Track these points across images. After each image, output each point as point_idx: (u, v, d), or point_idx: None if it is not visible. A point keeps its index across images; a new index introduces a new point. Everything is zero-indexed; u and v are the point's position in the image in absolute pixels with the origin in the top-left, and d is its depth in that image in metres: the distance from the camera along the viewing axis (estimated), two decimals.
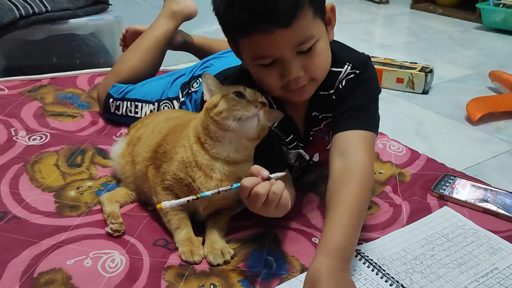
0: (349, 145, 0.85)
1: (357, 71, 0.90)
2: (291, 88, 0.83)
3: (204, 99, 0.86)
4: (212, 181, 0.83)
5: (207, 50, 1.49)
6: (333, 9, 0.87)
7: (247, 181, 0.73)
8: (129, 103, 1.28)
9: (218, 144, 0.83)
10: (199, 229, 0.89)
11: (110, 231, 0.88)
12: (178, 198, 0.81)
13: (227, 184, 0.82)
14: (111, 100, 1.29)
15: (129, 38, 1.45)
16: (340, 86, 0.91)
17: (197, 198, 0.76)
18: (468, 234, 0.90)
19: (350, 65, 0.90)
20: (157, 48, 1.37)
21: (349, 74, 0.90)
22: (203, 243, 0.86)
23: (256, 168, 0.75)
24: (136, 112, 1.28)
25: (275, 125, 0.92)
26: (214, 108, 0.82)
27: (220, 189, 0.77)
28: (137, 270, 0.81)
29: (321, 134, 0.98)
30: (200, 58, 1.48)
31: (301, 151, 0.99)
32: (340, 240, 0.74)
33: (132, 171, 0.97)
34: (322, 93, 0.91)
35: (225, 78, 1.10)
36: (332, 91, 0.91)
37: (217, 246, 0.84)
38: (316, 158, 1.03)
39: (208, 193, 0.77)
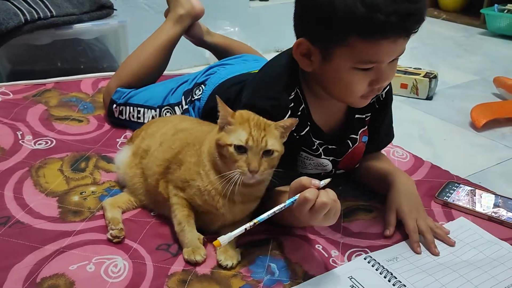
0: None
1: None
2: (370, 94, 0.87)
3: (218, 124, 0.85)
4: (236, 206, 0.85)
5: (227, 50, 1.49)
6: None
7: (310, 194, 0.72)
8: (131, 108, 1.29)
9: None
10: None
11: (110, 237, 0.88)
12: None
13: (249, 206, 0.86)
14: (114, 105, 1.30)
15: None
16: (382, 97, 0.99)
17: (254, 224, 0.76)
18: (486, 246, 0.89)
19: None
20: (162, 53, 1.37)
21: None
22: (205, 244, 0.86)
23: (307, 179, 0.75)
24: (138, 118, 1.28)
25: (304, 133, 0.92)
26: (223, 148, 0.81)
27: (275, 209, 0.76)
28: (140, 275, 0.81)
29: (364, 139, 1.02)
30: (219, 58, 1.49)
31: (324, 160, 0.98)
32: None
33: (142, 184, 0.97)
34: None
35: (232, 85, 1.10)
36: None
37: (229, 248, 0.85)
38: (341, 171, 1.04)
39: (264, 216, 0.76)
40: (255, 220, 0.75)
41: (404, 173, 1.01)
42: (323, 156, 0.97)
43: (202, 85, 1.21)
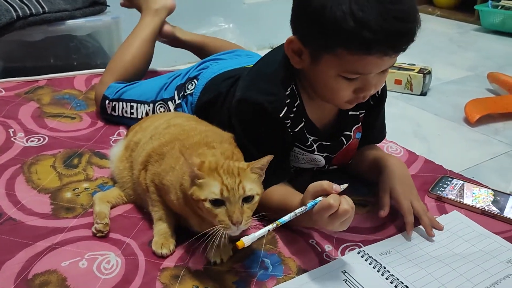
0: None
1: None
2: (355, 101, 0.86)
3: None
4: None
5: (204, 48, 1.51)
6: None
7: (334, 200, 0.72)
8: (124, 103, 1.28)
9: None
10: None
11: (94, 231, 0.88)
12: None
13: None
14: (107, 101, 1.29)
15: None
16: (377, 94, 0.97)
17: (277, 226, 0.74)
18: (478, 239, 0.89)
19: None
20: (149, 45, 1.42)
21: None
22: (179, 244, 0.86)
23: (328, 184, 0.75)
24: (132, 113, 1.27)
25: (298, 129, 0.92)
26: (199, 203, 0.75)
27: (297, 211, 0.75)
28: (132, 271, 0.80)
29: (358, 136, 1.01)
30: (201, 58, 1.49)
31: (317, 156, 0.98)
32: None
33: (130, 177, 0.96)
34: None
35: (224, 79, 1.10)
36: None
37: (219, 244, 0.81)
38: (334, 167, 1.04)
39: (286, 218, 0.74)
40: (277, 222, 0.74)
41: (396, 157, 1.02)
42: (316, 152, 0.97)
43: (195, 80, 1.21)
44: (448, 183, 1.05)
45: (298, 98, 0.91)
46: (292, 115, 0.90)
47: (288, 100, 0.89)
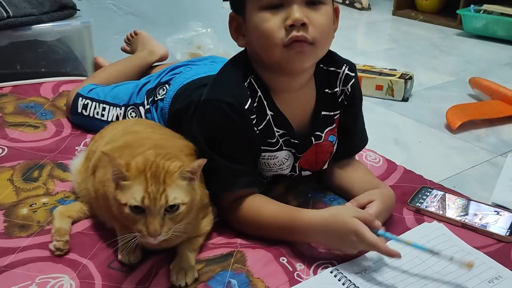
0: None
1: (353, 74, 0.95)
2: (292, 38, 0.80)
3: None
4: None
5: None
6: (337, 9, 0.90)
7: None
8: (97, 104, 1.23)
9: None
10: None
11: (52, 248, 0.82)
12: None
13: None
14: (80, 98, 1.24)
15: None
16: (348, 92, 0.95)
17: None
18: (459, 255, 0.82)
19: (348, 66, 0.95)
20: (135, 71, 1.42)
21: (347, 75, 0.94)
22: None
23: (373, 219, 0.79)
24: (102, 115, 1.22)
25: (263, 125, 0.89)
26: (120, 207, 0.71)
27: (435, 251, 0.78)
28: None
29: (331, 139, 0.97)
30: None
31: (285, 153, 0.94)
32: None
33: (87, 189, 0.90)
34: (327, 91, 0.94)
35: (197, 87, 1.05)
36: (337, 90, 0.95)
37: (184, 265, 0.78)
38: (307, 172, 1.00)
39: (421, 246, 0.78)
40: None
41: (389, 188, 0.94)
42: (284, 148, 0.93)
43: (166, 85, 1.16)
44: (428, 194, 1.00)
45: (258, 90, 0.89)
46: (255, 108, 0.88)
47: (249, 93, 0.87)
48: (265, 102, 0.89)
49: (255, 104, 0.88)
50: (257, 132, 0.89)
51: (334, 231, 0.79)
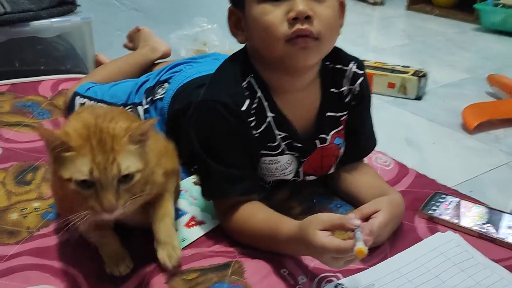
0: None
1: (361, 71, 0.89)
2: (296, 33, 0.75)
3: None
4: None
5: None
6: (343, 3, 0.84)
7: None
8: (95, 103, 1.18)
9: None
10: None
11: None
12: None
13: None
14: (77, 97, 1.19)
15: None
16: (356, 91, 0.90)
17: None
18: (476, 269, 0.77)
19: (356, 63, 0.89)
20: (136, 68, 1.38)
21: (355, 73, 0.89)
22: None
23: (341, 218, 0.70)
24: None
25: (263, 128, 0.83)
26: (63, 183, 0.63)
27: None
28: None
29: (338, 142, 0.91)
30: None
31: (288, 157, 0.88)
32: None
33: None
34: (333, 90, 0.89)
35: (197, 87, 1.00)
36: (343, 89, 0.89)
37: (169, 240, 0.73)
38: (311, 177, 0.94)
39: None
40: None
41: (399, 194, 0.86)
42: (286, 152, 0.87)
43: (166, 83, 1.11)
44: (442, 200, 0.94)
45: (258, 90, 0.83)
46: (254, 110, 0.82)
47: (248, 93, 0.82)
48: (265, 103, 0.83)
49: (254, 105, 0.83)
50: (256, 135, 0.83)
51: (304, 246, 0.71)
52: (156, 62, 1.43)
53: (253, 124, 0.83)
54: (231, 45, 1.76)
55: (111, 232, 0.77)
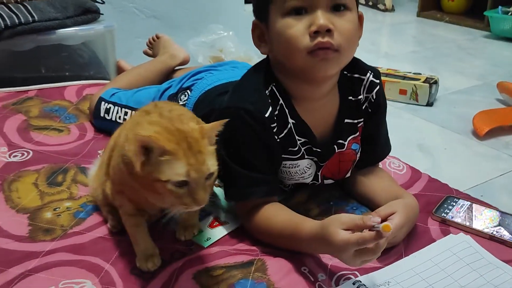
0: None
1: (377, 80, 0.93)
2: (317, 45, 0.79)
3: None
4: None
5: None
6: (362, 16, 0.89)
7: (370, 237, 0.71)
8: (119, 108, 1.24)
9: None
10: None
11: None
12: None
13: None
14: (102, 102, 1.25)
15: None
16: (372, 99, 0.94)
17: None
18: (487, 269, 0.81)
19: (372, 73, 0.93)
20: (157, 75, 1.43)
21: (371, 82, 0.93)
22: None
23: (361, 219, 0.73)
24: (125, 119, 1.23)
25: (284, 133, 0.88)
26: (155, 183, 0.69)
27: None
28: None
29: (355, 147, 0.95)
30: None
31: (307, 161, 0.92)
32: None
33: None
34: (351, 98, 0.93)
35: (218, 94, 1.05)
36: (360, 97, 0.93)
37: (190, 222, 0.87)
38: (329, 180, 0.98)
39: None
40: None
41: (413, 198, 0.90)
42: (306, 157, 0.92)
43: (188, 91, 1.16)
44: (454, 204, 0.98)
45: (280, 98, 0.88)
46: (276, 116, 0.87)
47: (270, 100, 0.87)
48: (286, 110, 0.88)
49: (276, 112, 0.87)
50: (278, 140, 0.88)
51: (325, 244, 0.75)
52: (175, 68, 1.49)
53: (275, 129, 0.87)
54: (246, 52, 1.82)
55: (146, 229, 0.82)
